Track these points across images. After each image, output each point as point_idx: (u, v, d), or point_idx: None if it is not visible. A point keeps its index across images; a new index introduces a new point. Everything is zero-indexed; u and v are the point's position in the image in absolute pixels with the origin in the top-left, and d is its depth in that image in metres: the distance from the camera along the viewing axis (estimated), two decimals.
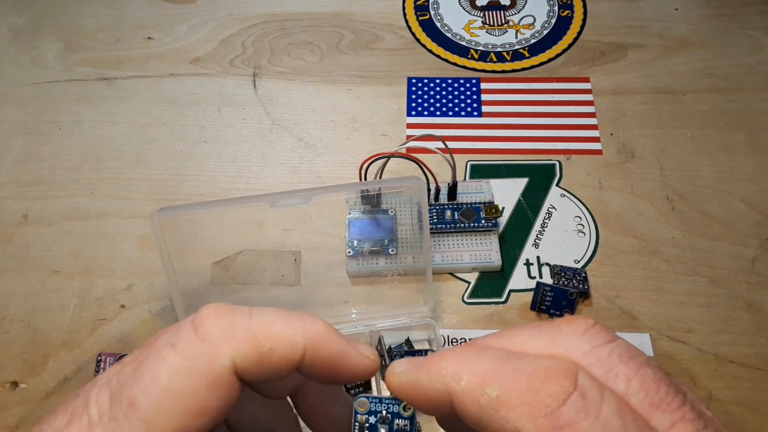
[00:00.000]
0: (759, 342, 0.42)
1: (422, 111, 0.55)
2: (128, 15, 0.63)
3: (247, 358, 0.20)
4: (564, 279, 0.44)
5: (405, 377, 0.22)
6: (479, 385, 0.19)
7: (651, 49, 0.58)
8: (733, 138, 0.52)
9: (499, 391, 0.19)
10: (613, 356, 0.20)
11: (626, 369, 0.20)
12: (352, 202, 0.47)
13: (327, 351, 0.21)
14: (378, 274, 0.45)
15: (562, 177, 0.51)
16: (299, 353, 0.21)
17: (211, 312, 0.21)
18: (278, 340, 0.21)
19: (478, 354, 0.20)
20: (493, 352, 0.20)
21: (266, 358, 0.20)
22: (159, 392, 0.19)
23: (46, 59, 0.60)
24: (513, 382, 0.19)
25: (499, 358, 0.20)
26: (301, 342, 0.21)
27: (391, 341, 0.42)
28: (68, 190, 0.51)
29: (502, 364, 0.20)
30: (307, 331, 0.21)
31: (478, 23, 0.62)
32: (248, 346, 0.20)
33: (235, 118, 0.55)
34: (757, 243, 0.46)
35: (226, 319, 0.21)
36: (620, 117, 0.54)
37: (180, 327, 0.21)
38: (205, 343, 0.20)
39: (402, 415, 0.23)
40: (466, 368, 0.20)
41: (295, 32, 0.61)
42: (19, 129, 0.55)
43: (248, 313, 0.21)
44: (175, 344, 0.20)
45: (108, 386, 0.20)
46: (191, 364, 0.20)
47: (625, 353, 0.20)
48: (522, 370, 0.19)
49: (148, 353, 0.20)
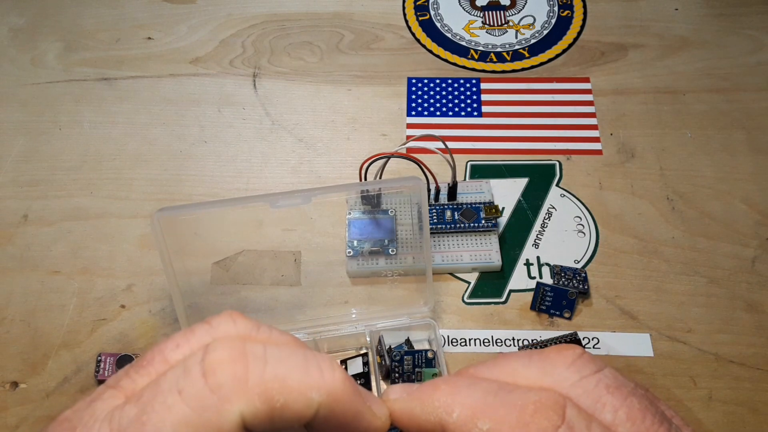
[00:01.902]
0: (759, 342, 0.42)
1: (422, 111, 0.55)
2: (128, 15, 0.63)
3: (258, 414, 0.19)
4: (564, 279, 0.44)
5: (399, 405, 0.22)
6: (471, 418, 0.20)
7: (651, 49, 0.58)
8: (733, 138, 0.52)
9: (490, 425, 0.20)
10: (600, 387, 0.21)
11: (613, 399, 0.20)
12: (352, 202, 0.47)
13: (341, 410, 0.20)
14: (378, 274, 0.45)
15: (562, 177, 0.51)
16: (313, 411, 0.20)
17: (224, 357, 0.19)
18: (293, 395, 0.19)
19: (470, 386, 0.21)
20: (485, 384, 0.21)
21: (278, 414, 0.19)
22: None
23: (46, 59, 0.60)
24: (504, 416, 0.20)
25: (490, 391, 0.21)
26: (317, 399, 0.20)
27: (391, 341, 0.42)
28: (68, 190, 0.51)
29: (494, 398, 0.20)
30: (324, 385, 0.20)
31: (478, 23, 0.62)
32: (260, 401, 0.19)
33: (235, 118, 0.55)
34: (757, 243, 0.46)
35: (239, 367, 0.19)
36: (620, 117, 0.54)
37: (188, 369, 0.19)
38: (215, 394, 0.19)
39: None
40: (458, 401, 0.21)
41: (295, 32, 0.61)
42: (19, 129, 0.55)
43: (263, 359, 0.20)
44: (182, 391, 0.19)
45: (109, 426, 0.19)
46: (199, 418, 0.18)
47: (612, 383, 0.21)
48: (512, 403, 0.20)
49: (153, 395, 0.19)
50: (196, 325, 0.21)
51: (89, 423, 0.19)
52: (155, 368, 0.21)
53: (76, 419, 0.20)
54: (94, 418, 0.20)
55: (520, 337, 0.43)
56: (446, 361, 0.41)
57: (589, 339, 0.42)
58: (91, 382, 0.42)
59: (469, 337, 0.43)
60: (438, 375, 0.39)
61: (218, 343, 0.20)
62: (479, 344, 0.43)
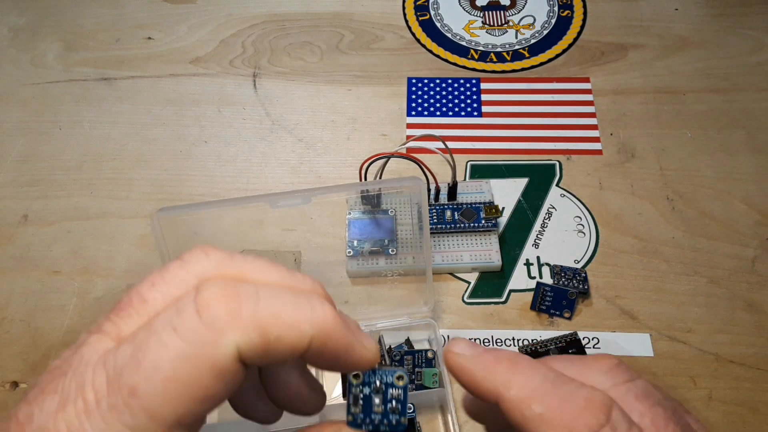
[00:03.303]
0: (759, 342, 0.42)
1: (422, 111, 0.55)
2: (128, 15, 0.63)
3: (254, 346, 0.19)
4: (564, 279, 0.44)
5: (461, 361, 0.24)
6: (526, 399, 0.22)
7: (651, 49, 0.58)
8: (733, 138, 0.52)
9: (543, 410, 0.21)
10: (629, 394, 0.22)
11: (640, 406, 0.22)
12: (352, 202, 0.47)
13: (333, 342, 0.21)
14: (378, 274, 0.45)
15: (562, 177, 0.51)
16: (306, 343, 0.20)
17: (217, 294, 0.20)
18: (286, 329, 0.20)
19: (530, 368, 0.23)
20: (544, 370, 0.23)
21: (273, 346, 0.20)
22: (162, 381, 0.18)
23: (46, 59, 0.60)
24: (557, 405, 0.21)
25: (548, 378, 0.22)
26: (309, 332, 0.20)
27: (391, 341, 0.42)
28: (68, 190, 0.51)
29: (550, 386, 0.22)
30: (315, 319, 0.20)
31: (478, 23, 0.62)
32: (255, 333, 0.19)
33: (235, 118, 0.55)
34: (757, 243, 0.46)
35: (232, 303, 0.20)
36: (620, 117, 0.54)
37: (181, 309, 0.20)
38: (210, 329, 0.19)
39: (396, 385, 0.23)
40: (517, 380, 0.22)
41: (295, 32, 0.61)
42: (19, 129, 0.55)
43: (255, 295, 0.20)
44: (176, 328, 0.19)
45: (104, 368, 0.19)
46: (195, 352, 0.19)
47: (641, 392, 0.23)
48: (566, 395, 0.22)
49: (147, 335, 0.19)
50: (170, 263, 0.22)
51: (80, 368, 0.20)
52: (135, 308, 0.21)
53: (65, 366, 0.20)
54: (84, 362, 0.20)
55: (520, 337, 0.43)
56: None
57: (589, 339, 0.42)
58: None
59: (469, 337, 0.43)
60: (438, 375, 0.39)
61: (210, 282, 0.20)
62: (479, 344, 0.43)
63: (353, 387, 0.23)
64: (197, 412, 0.19)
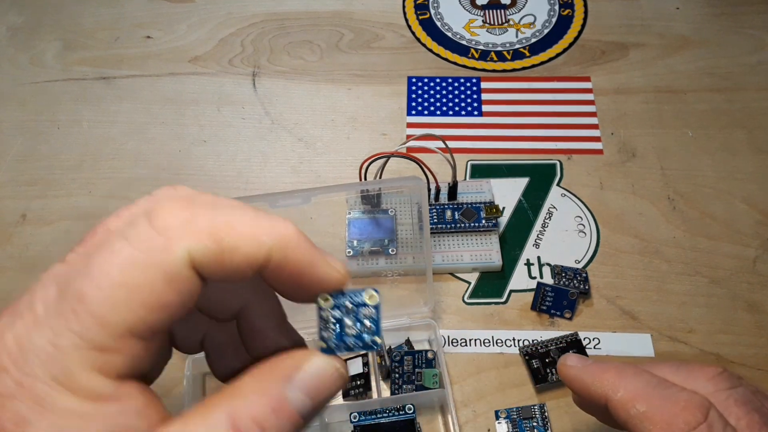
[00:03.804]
0: (760, 342, 0.42)
1: (422, 110, 0.55)
2: (127, 14, 0.63)
3: (207, 252, 0.19)
4: (564, 279, 0.44)
5: (574, 372, 0.28)
6: (631, 400, 0.25)
7: (652, 49, 0.58)
8: (734, 137, 0.52)
9: (646, 408, 0.25)
10: (729, 400, 0.25)
11: (738, 410, 0.25)
12: (352, 202, 0.47)
13: (294, 256, 0.20)
14: (378, 274, 0.45)
15: (563, 177, 0.50)
16: (264, 254, 0.19)
17: (169, 203, 0.19)
18: (242, 237, 0.19)
19: (635, 374, 0.26)
20: (648, 376, 0.26)
21: (228, 255, 0.19)
22: (110, 287, 0.18)
23: (45, 58, 0.60)
24: (658, 405, 0.25)
25: (651, 383, 0.26)
26: (268, 242, 0.19)
27: (391, 341, 0.41)
28: (67, 189, 0.51)
29: (653, 389, 0.25)
30: (275, 230, 0.20)
31: (478, 22, 0.61)
32: (209, 240, 0.19)
33: (235, 117, 0.55)
34: (758, 243, 0.46)
35: (187, 213, 0.19)
36: (621, 116, 0.54)
37: (134, 218, 0.19)
38: (162, 235, 0.18)
39: (368, 304, 0.22)
40: (623, 384, 0.26)
41: (295, 31, 0.61)
42: (18, 128, 0.55)
43: (212, 205, 0.20)
44: (128, 237, 0.18)
45: (55, 281, 0.19)
46: (146, 257, 0.18)
47: (740, 399, 0.25)
48: (667, 396, 0.25)
49: (98, 246, 0.19)
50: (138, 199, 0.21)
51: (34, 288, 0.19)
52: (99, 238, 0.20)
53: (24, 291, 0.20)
54: (41, 284, 0.19)
55: (520, 338, 0.43)
56: (446, 362, 0.41)
57: (589, 339, 0.42)
58: None
59: (470, 338, 0.43)
60: (438, 375, 0.39)
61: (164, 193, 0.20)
62: (479, 344, 0.43)
63: (323, 311, 0.22)
64: (151, 321, 0.18)
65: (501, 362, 0.42)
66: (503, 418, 0.39)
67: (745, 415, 0.25)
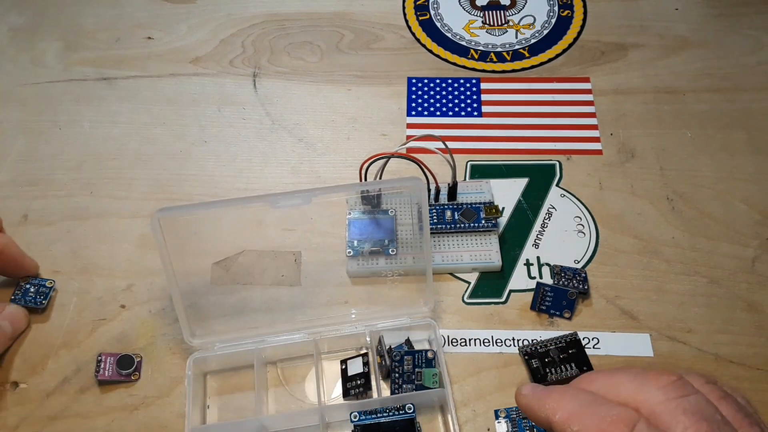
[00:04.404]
0: (759, 342, 0.42)
1: (422, 111, 0.55)
2: (128, 14, 0.63)
3: None
4: (564, 279, 0.44)
5: (524, 400, 0.30)
6: (567, 420, 0.27)
7: (651, 49, 0.58)
8: (733, 138, 0.52)
9: (578, 427, 0.26)
10: (678, 409, 0.26)
11: (686, 420, 0.25)
12: (352, 202, 0.47)
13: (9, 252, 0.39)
14: (378, 274, 0.45)
15: (562, 177, 0.51)
16: None
17: None
18: None
19: (572, 396, 0.28)
20: (583, 396, 0.28)
21: None
22: None
23: (46, 59, 0.60)
24: (588, 423, 0.26)
25: (585, 402, 0.27)
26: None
27: (391, 341, 0.42)
28: (68, 189, 0.51)
29: (586, 408, 0.27)
30: None
31: (478, 23, 0.62)
32: None
33: (235, 118, 0.55)
34: (758, 243, 0.46)
35: None
36: (620, 117, 0.54)
37: None
38: None
39: None
40: (561, 406, 0.28)
41: (295, 32, 0.61)
42: (19, 129, 0.55)
43: None
44: None
45: None
46: None
47: (690, 408, 0.26)
48: (597, 414, 0.26)
49: None
50: None
51: None
52: None
53: None
54: None
55: (520, 338, 0.43)
56: (446, 361, 0.41)
57: (589, 339, 0.42)
58: (91, 382, 0.42)
59: (469, 337, 0.43)
60: (438, 375, 0.39)
61: None
62: (479, 344, 0.43)
63: None
64: None
65: (501, 362, 0.42)
66: (503, 418, 0.39)
67: (692, 424, 0.25)
